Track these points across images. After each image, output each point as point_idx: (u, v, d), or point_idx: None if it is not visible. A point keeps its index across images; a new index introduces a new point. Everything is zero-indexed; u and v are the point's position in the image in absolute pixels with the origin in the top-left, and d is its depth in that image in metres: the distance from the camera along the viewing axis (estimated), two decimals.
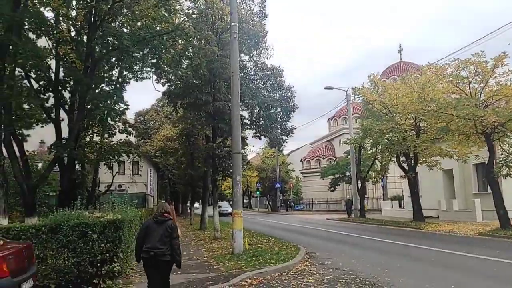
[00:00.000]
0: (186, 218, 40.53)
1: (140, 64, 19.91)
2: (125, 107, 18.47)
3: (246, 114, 20.06)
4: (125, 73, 18.85)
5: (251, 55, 19.34)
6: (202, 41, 16.91)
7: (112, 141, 23.26)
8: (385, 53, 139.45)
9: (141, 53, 18.04)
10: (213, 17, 17.08)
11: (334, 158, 55.62)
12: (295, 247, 15.00)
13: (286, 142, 20.23)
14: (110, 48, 17.87)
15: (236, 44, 14.08)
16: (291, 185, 57.97)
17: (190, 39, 17.04)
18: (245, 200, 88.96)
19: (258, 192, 61.49)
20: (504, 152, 19.17)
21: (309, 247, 15.43)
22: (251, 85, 19.76)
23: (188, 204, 46.73)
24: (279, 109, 19.84)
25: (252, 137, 20.23)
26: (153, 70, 20.80)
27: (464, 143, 21.51)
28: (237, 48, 14.13)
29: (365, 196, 40.88)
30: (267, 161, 57.59)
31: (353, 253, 13.78)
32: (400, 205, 35.57)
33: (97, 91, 17.77)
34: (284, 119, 19.87)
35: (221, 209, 38.54)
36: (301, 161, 61.13)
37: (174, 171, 36.40)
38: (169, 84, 21.90)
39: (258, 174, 57.93)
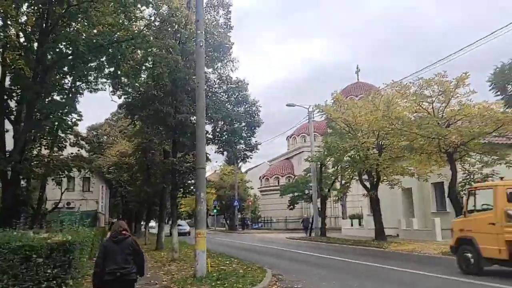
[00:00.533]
0: (141, 237, 38.66)
1: (95, 74, 18.73)
2: (78, 118, 17.17)
3: (209, 128, 19.21)
4: (78, 83, 17.63)
5: (215, 67, 18.60)
6: (164, 50, 16.00)
7: (62, 155, 21.70)
8: (336, 73, 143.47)
9: (97, 61, 16.93)
10: (177, 26, 16.25)
11: (293, 176, 55.45)
12: (260, 269, 14.13)
13: (251, 158, 19.57)
14: (63, 55, 16.67)
15: (202, 53, 13.32)
16: (250, 203, 57.10)
17: (151, 49, 16.13)
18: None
19: (215, 211, 60.11)
20: (466, 171, 19.31)
21: (274, 269, 14.59)
22: (214, 98, 18.99)
23: (142, 222, 44.72)
24: (243, 124, 19.12)
25: (215, 152, 19.39)
26: (109, 81, 19.68)
27: (425, 162, 21.63)
28: (203, 57, 13.36)
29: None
30: (225, 178, 56.54)
31: (322, 275, 13.11)
32: (360, 224, 35.53)
33: (47, 100, 16.42)
34: (249, 134, 19.17)
35: (178, 228, 37.08)
36: (259, 178, 60.55)
37: (128, 188, 34.69)
38: (125, 96, 20.77)
39: (216, 191, 56.75)
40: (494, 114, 16.94)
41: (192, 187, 19.25)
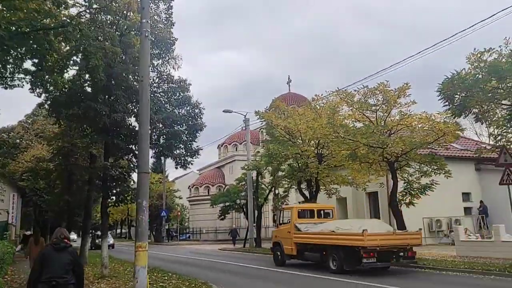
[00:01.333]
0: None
1: (11, 68, 16.37)
2: None
3: None
4: None
5: (156, 64, 17.09)
6: (100, 40, 14.24)
7: None
8: (264, 84, 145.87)
9: (18, 50, 14.75)
10: (116, 15, 14.56)
11: (224, 186, 54.23)
12: (205, 285, 12.87)
13: (192, 164, 18.15)
14: None
15: (148, 44, 11.84)
16: (178, 213, 54.88)
17: (85, 39, 14.27)
18: (123, 230, 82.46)
19: None
20: (406, 181, 19.46)
21: (219, 284, 13.43)
22: (153, 98, 17.38)
23: None
24: (184, 127, 17.76)
25: (151, 157, 17.71)
26: (27, 77, 17.40)
27: (365, 171, 21.64)
28: (148, 49, 11.91)
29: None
30: (153, 187, 53.83)
31: None
32: None
33: None
34: (190, 138, 17.82)
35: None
36: (189, 188, 58.54)
37: (45, 196, 31.44)
38: (46, 94, 18.51)
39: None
40: (436, 124, 17.19)
41: (126, 195, 17.37)
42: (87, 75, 16.23)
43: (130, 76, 15.54)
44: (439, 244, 26.06)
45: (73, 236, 41.28)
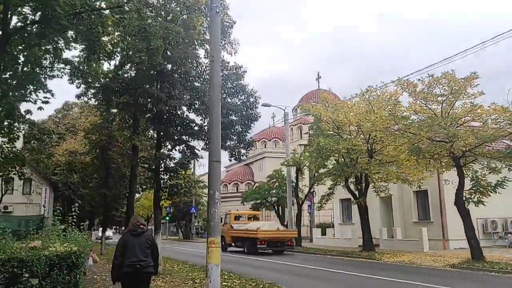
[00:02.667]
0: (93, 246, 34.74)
1: (50, 57, 15.58)
2: (46, 99, 14.03)
3: (197, 120, 16.63)
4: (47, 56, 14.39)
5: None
6: (159, 18, 13.29)
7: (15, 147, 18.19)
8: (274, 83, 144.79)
9: (72, 30, 13.91)
10: None
11: (253, 183, 53.31)
12: (275, 286, 11.87)
13: (246, 156, 17.12)
14: (30, 20, 13.53)
15: (218, 21, 10.79)
16: None
17: (142, 20, 13.32)
18: (149, 227, 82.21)
19: (167, 218, 56.43)
20: (471, 178, 18.03)
21: (283, 285, 12.38)
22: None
23: (93, 230, 40.38)
24: (237, 117, 16.75)
25: (201, 149, 16.73)
26: (67, 67, 16.65)
27: (422, 167, 20.32)
28: (219, 27, 10.84)
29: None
30: (181, 183, 53.12)
31: None
32: (334, 234, 33.89)
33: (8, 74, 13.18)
34: (244, 128, 16.78)
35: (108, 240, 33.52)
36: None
37: (82, 190, 30.83)
38: (85, 85, 17.80)
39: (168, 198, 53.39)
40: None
41: (180, 188, 16.44)
42: (138, 60, 15.37)
43: (188, 61, 14.55)
44: (495, 246, 24.54)
45: (109, 233, 40.56)
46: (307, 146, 27.21)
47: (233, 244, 27.70)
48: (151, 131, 21.15)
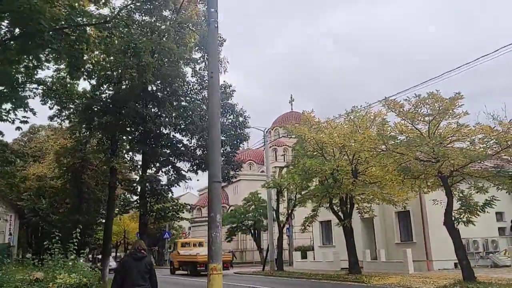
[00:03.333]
0: None
1: (22, 77, 14.78)
2: (25, 119, 13.15)
3: (184, 140, 16.00)
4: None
5: (198, 69, 15.64)
6: (152, 35, 12.77)
7: None
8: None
9: (55, 47, 13.20)
10: (172, 8, 13.11)
11: (228, 206, 52.40)
12: None
13: (235, 178, 16.54)
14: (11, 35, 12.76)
15: (216, 36, 10.44)
16: (184, 235, 52.61)
17: (133, 35, 12.76)
18: (118, 254, 79.06)
19: None
20: (458, 197, 18.00)
21: None
22: (191, 106, 15.90)
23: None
24: (225, 137, 16.23)
25: (187, 170, 16.06)
26: (40, 88, 15.93)
27: (408, 188, 20.29)
28: (216, 42, 10.53)
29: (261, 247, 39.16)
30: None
31: None
32: (314, 257, 33.31)
33: None
34: (233, 149, 16.26)
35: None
36: (190, 208, 56.29)
37: (52, 216, 29.24)
38: (58, 107, 17.05)
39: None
40: (501, 134, 15.92)
41: (167, 212, 15.63)
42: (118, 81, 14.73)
43: (177, 79, 14.03)
44: (477, 266, 24.56)
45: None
46: (290, 167, 26.82)
47: (180, 268, 31.71)
48: (130, 153, 20.32)
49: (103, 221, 28.84)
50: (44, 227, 33.74)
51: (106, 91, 18.14)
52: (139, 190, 15.31)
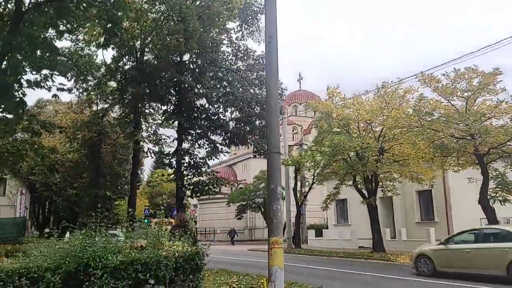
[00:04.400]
0: None
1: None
2: (62, 86, 12.63)
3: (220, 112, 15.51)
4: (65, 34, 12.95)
5: (234, 38, 15.00)
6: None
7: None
8: None
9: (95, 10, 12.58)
10: None
11: (237, 184, 52.10)
12: None
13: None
14: None
15: None
16: (194, 212, 52.55)
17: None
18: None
19: (146, 221, 54.36)
20: (493, 176, 17.67)
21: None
22: (226, 76, 15.34)
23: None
24: (259, 110, 15.74)
25: (220, 144, 15.62)
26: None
27: (437, 166, 19.99)
28: (274, 4, 9.87)
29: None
30: (164, 185, 51.34)
31: None
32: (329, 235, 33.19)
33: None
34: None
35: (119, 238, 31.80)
36: (228, 183, 56.11)
37: (69, 190, 28.81)
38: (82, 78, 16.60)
39: (150, 200, 51.77)
40: None
41: (204, 185, 15.26)
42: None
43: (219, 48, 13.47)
44: None
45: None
46: (310, 145, 26.30)
47: None
48: (153, 126, 19.92)
49: (122, 196, 28.56)
50: (57, 201, 33.37)
51: (129, 62, 17.63)
52: (174, 163, 14.81)
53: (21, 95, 12.56)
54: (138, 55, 17.14)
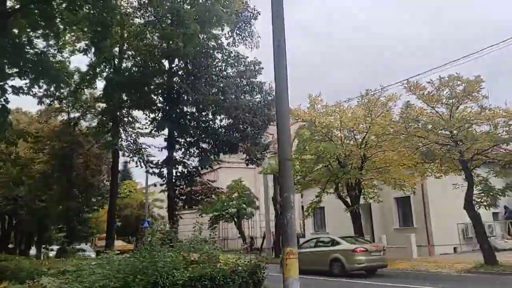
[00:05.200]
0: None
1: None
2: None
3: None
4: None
5: (225, 44, 14.62)
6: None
7: None
8: None
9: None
10: None
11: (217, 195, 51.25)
12: None
13: (262, 160, 15.73)
14: None
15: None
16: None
17: None
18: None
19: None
20: (482, 181, 17.98)
21: None
22: (216, 83, 14.93)
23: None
24: (253, 118, 15.40)
25: (211, 153, 15.14)
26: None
27: (420, 172, 20.28)
28: (282, 4, 9.58)
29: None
30: (133, 196, 49.83)
31: None
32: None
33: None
34: (258, 130, 15.45)
35: (85, 253, 30.23)
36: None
37: (38, 204, 27.30)
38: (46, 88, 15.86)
39: (117, 212, 50.08)
40: None
41: (197, 195, 14.68)
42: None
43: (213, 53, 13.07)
44: (474, 251, 25.03)
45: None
46: (296, 153, 26.04)
47: None
48: (133, 135, 19.25)
49: (95, 208, 27.42)
50: (22, 215, 31.56)
51: (105, 69, 16.97)
52: (165, 172, 14.18)
53: (3, 102, 11.68)
54: (117, 62, 16.47)
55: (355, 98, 21.57)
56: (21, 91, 12.17)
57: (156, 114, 14.41)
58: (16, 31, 12.10)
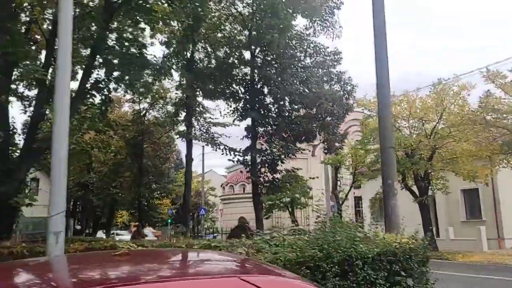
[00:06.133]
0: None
1: None
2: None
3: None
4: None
5: (307, 34, 14.81)
6: None
7: None
8: None
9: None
10: None
11: None
12: None
13: (340, 150, 15.94)
14: None
15: None
16: (221, 211, 52.51)
17: None
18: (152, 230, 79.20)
19: (169, 220, 54.37)
20: None
21: None
22: (295, 73, 15.14)
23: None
24: (332, 107, 15.57)
25: (289, 142, 15.48)
26: None
27: (495, 164, 19.85)
28: None
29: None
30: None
31: None
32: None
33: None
34: (336, 120, 15.61)
35: (122, 237, 31.32)
36: (221, 186, 56.06)
37: (112, 190, 28.72)
38: None
39: (171, 200, 51.95)
40: None
41: (280, 182, 15.13)
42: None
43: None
44: None
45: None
46: (360, 144, 26.02)
47: None
48: (205, 125, 19.88)
49: (164, 195, 28.51)
50: (94, 201, 33.30)
51: (177, 61, 17.53)
52: (248, 159, 14.69)
53: (106, 92, 12.51)
54: (189, 54, 17.07)
55: (423, 87, 21.19)
56: (119, 83, 12.93)
57: (237, 104, 14.85)
58: (115, 25, 12.75)
